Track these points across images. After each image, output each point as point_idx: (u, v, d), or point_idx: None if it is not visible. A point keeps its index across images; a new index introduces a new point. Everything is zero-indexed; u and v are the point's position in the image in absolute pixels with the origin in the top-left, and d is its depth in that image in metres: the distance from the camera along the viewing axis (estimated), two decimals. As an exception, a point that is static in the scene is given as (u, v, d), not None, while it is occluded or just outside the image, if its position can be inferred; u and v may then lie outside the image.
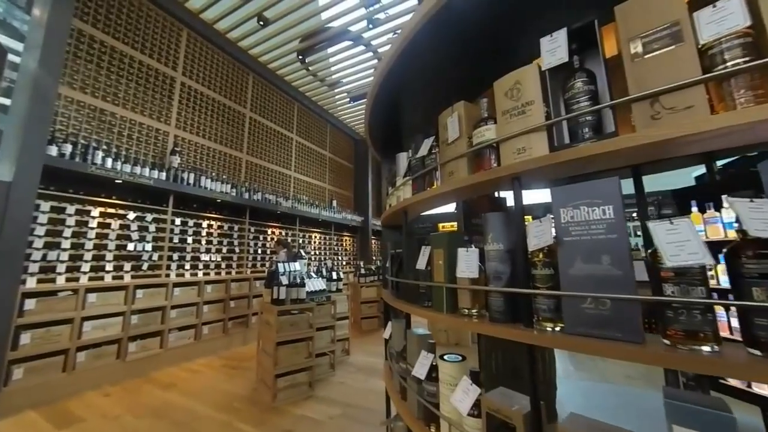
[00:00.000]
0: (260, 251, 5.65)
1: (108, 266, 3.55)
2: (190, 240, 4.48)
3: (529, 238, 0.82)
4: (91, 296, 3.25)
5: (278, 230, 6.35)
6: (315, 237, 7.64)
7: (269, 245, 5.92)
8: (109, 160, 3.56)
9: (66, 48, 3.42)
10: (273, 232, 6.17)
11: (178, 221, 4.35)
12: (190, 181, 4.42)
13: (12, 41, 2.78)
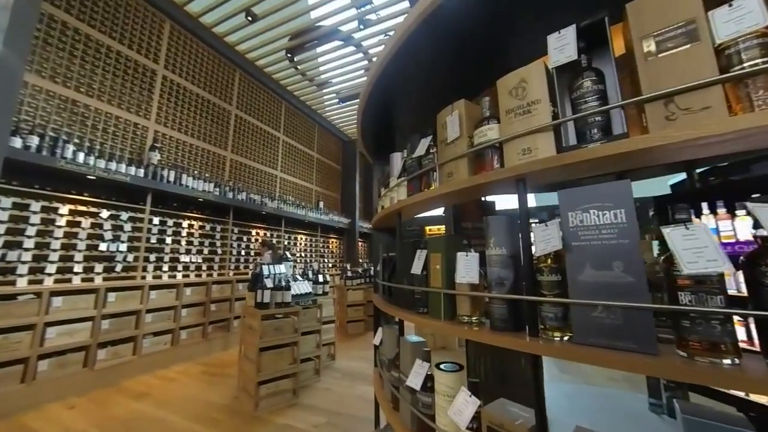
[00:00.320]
0: (244, 252, 5.47)
1: (77, 267, 3.32)
2: (168, 240, 4.27)
3: (536, 242, 0.78)
4: (56, 300, 3.01)
5: (263, 231, 6.16)
6: (301, 239, 7.48)
7: (253, 246, 5.74)
8: (81, 155, 3.34)
9: (35, 33, 3.19)
10: (257, 233, 5.99)
11: (156, 220, 4.14)
12: (170, 179, 4.21)
13: (-27, 22, 2.56)
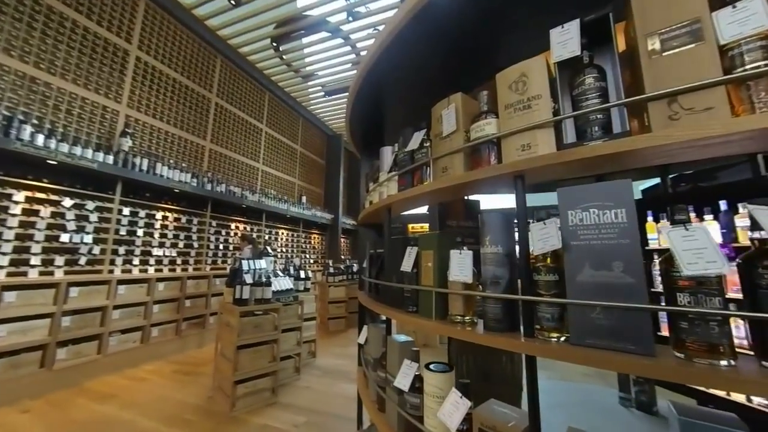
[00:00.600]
0: (222, 247, 5.25)
1: (34, 260, 3.05)
2: (140, 232, 4.02)
3: (533, 241, 0.76)
4: (8, 295, 2.75)
5: (243, 225, 5.95)
6: (282, 234, 7.30)
7: (232, 241, 5.53)
8: (40, 137, 3.07)
9: (-12, 0, 2.89)
10: (237, 227, 5.78)
11: (126, 211, 3.88)
12: (143, 167, 3.97)
13: None
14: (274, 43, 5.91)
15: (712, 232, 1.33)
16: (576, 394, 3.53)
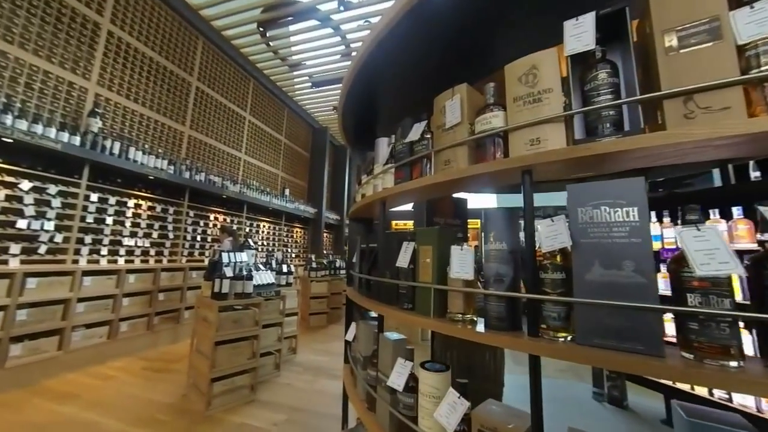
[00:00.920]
0: (200, 238, 5.02)
1: (-14, 247, 2.78)
2: (109, 221, 3.75)
3: (541, 238, 0.74)
4: (-44, 285, 2.50)
5: (222, 216, 5.72)
6: (264, 226, 7.09)
7: (211, 232, 5.30)
8: (-5, 112, 2.78)
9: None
10: (216, 218, 5.54)
11: (94, 197, 3.61)
12: (114, 151, 3.70)
13: None
14: (261, 28, 5.67)
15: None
16: (552, 390, 3.66)
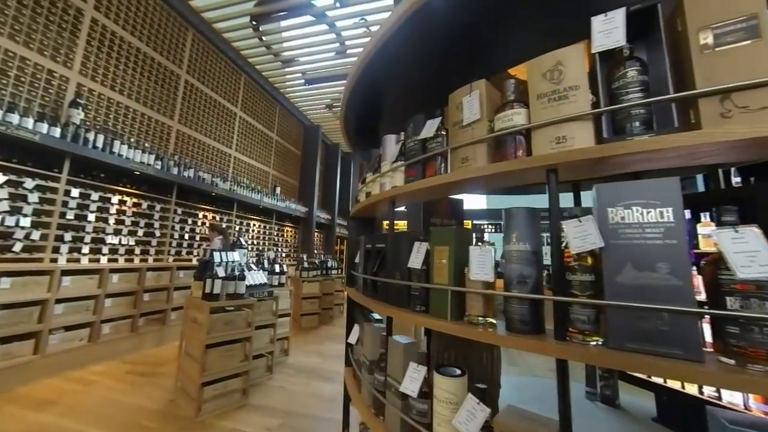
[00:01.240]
0: (188, 237, 4.85)
1: (-44, 244, 2.59)
2: (92, 217, 3.57)
3: (569, 239, 0.72)
4: None
5: (211, 214, 5.55)
6: (254, 225, 6.93)
7: (200, 230, 5.13)
8: (-32, 100, 2.60)
9: None
10: (205, 216, 5.38)
11: (75, 192, 3.43)
12: (97, 144, 3.52)
13: None
14: (254, 22, 5.53)
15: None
16: (545, 389, 3.69)
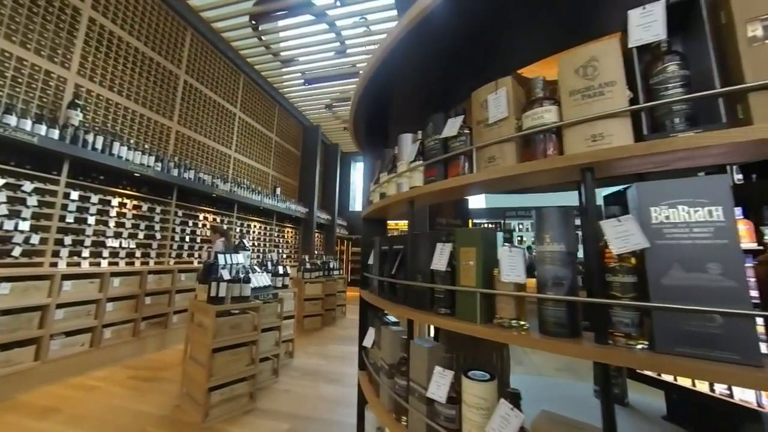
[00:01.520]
0: (188, 239, 4.79)
1: (-47, 249, 2.53)
2: (92, 220, 3.51)
3: (609, 240, 0.70)
4: None
5: (212, 216, 5.50)
6: (254, 226, 6.88)
7: (200, 232, 5.07)
8: (-36, 101, 2.54)
9: None
10: (206, 218, 5.32)
11: (75, 195, 3.37)
12: (96, 146, 3.46)
13: None
14: (253, 21, 5.48)
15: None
16: (552, 389, 3.68)
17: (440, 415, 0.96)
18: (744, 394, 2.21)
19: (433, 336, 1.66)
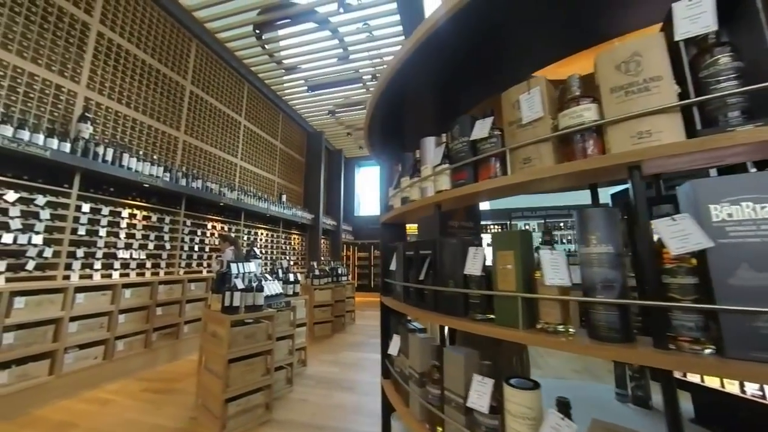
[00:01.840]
0: (197, 248, 4.79)
1: (-31, 265, 2.54)
2: (103, 232, 3.52)
3: (665, 240, 0.67)
4: (-65, 308, 2.25)
5: (220, 224, 5.50)
6: (262, 234, 6.87)
7: (209, 241, 5.07)
8: (-22, 117, 2.56)
9: None
10: (214, 227, 5.32)
11: (86, 207, 3.38)
12: (107, 158, 3.48)
13: None
14: (257, 31, 5.53)
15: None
16: (573, 392, 3.60)
17: (481, 426, 0.92)
18: (777, 395, 2.14)
19: (448, 340, 1.62)
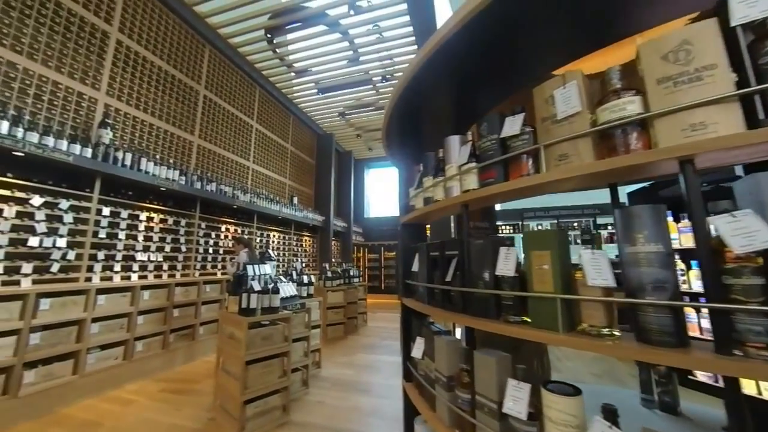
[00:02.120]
0: (212, 251, 4.85)
1: (-3, 268, 2.61)
2: (122, 235, 3.59)
3: (726, 238, 0.63)
4: (-33, 310, 2.32)
5: (233, 227, 5.56)
6: (274, 236, 6.93)
7: (223, 243, 5.13)
8: (4, 124, 2.65)
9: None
10: (228, 229, 5.38)
11: (106, 211, 3.45)
12: (126, 163, 3.56)
13: None
14: (269, 35, 5.60)
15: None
16: (597, 397, 3.51)
17: (519, 433, 0.89)
18: (819, 402, 2.03)
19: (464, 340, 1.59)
